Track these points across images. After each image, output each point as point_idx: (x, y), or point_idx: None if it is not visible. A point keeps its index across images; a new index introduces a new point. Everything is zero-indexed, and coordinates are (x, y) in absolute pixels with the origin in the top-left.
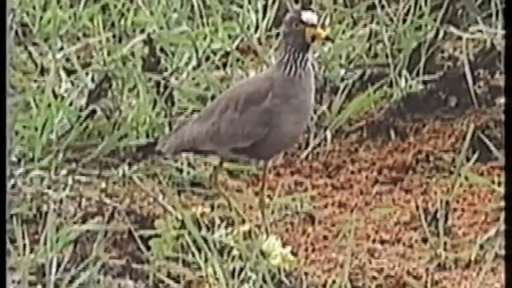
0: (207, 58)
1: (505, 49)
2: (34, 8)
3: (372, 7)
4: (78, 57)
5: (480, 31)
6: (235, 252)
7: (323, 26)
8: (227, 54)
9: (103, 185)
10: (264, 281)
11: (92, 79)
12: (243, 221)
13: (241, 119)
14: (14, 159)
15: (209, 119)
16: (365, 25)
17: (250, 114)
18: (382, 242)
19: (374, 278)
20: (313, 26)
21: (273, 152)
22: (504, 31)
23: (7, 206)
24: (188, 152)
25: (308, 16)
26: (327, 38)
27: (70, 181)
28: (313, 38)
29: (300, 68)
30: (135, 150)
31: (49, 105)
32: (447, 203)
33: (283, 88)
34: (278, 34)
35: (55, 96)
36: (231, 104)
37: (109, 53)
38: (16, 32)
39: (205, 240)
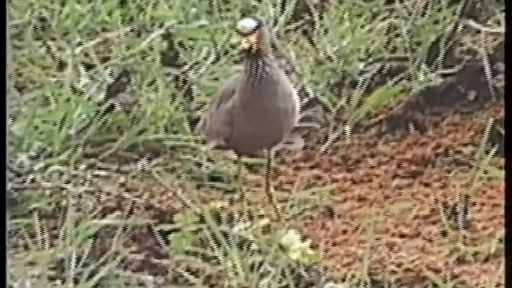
0: (226, 53)
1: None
2: (52, 2)
3: (390, 0)
4: (97, 52)
5: (499, 24)
6: (254, 246)
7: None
8: None
9: (122, 179)
10: (283, 275)
11: (111, 74)
12: (262, 216)
13: (215, 116)
14: (33, 153)
15: (207, 111)
16: (383, 19)
17: (220, 112)
18: (402, 236)
19: (393, 271)
20: (246, 34)
21: (252, 149)
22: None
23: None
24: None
25: (242, 24)
26: (249, 49)
27: (89, 176)
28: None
29: (257, 74)
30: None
31: (68, 100)
32: (467, 196)
33: (244, 94)
34: (296, 28)
35: (74, 91)
36: (216, 99)
37: (127, 48)
38: (35, 27)
39: (224, 235)
